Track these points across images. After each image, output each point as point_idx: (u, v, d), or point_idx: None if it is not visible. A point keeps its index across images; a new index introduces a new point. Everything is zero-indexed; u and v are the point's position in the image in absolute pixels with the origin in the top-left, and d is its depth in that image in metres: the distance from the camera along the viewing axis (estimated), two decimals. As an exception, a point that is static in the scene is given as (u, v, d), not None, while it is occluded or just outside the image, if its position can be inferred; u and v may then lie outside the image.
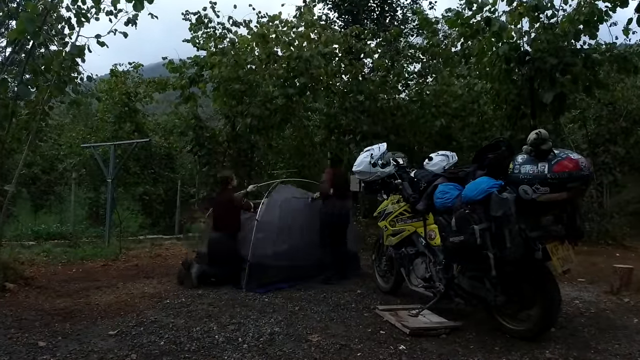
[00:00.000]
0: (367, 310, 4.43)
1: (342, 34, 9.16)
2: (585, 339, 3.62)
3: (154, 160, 13.47)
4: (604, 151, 10.33)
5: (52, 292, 5.12)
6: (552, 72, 7.15)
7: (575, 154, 3.33)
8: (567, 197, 3.21)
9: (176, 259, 7.31)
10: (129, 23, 5.91)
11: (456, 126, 9.93)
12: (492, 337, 3.63)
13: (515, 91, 7.88)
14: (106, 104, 12.85)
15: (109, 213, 8.78)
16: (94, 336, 3.62)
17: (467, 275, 3.80)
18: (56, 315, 4.20)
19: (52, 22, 5.65)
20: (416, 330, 3.68)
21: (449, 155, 4.76)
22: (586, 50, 7.32)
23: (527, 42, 7.53)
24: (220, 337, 3.62)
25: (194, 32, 9.14)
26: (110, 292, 5.15)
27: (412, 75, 11.13)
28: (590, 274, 6.04)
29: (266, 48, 8.36)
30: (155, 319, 4.07)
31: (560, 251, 3.40)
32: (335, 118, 9.34)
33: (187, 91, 9.04)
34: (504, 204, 3.28)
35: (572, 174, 3.16)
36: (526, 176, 3.29)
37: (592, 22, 6.99)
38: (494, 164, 3.72)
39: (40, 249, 7.82)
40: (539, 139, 3.27)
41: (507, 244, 3.25)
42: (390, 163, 4.80)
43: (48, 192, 14.07)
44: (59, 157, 14.16)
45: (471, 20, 7.64)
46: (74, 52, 5.48)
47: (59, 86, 5.55)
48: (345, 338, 3.62)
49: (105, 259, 7.27)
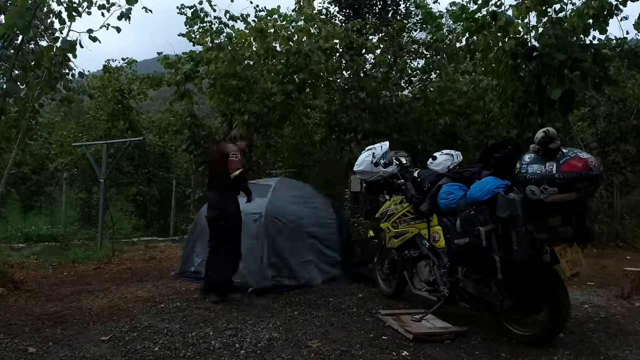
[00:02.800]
0: (369, 314, 4.43)
1: (343, 28, 9.18)
2: (595, 344, 3.62)
3: (148, 159, 13.50)
4: (614, 150, 10.32)
5: (43, 296, 5.11)
6: (561, 68, 7.15)
7: (584, 153, 3.33)
8: (576, 197, 3.20)
9: (171, 261, 7.31)
10: (122, 17, 5.92)
11: (461, 124, 9.93)
12: (498, 342, 3.62)
13: (522, 88, 7.88)
14: (99, 101, 12.87)
15: (101, 214, 8.78)
16: (86, 342, 3.62)
17: (473, 279, 3.79)
18: (47, 320, 4.20)
19: (42, 17, 5.66)
20: (420, 335, 3.68)
21: (454, 155, 4.75)
22: (596, 46, 7.31)
23: (535, 37, 7.52)
24: (216, 342, 3.61)
25: (190, 26, 9.15)
26: (103, 296, 5.15)
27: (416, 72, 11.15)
28: (600, 277, 6.04)
29: (264, 43, 8.36)
30: (150, 324, 4.06)
31: (569, 254, 3.39)
32: (335, 116, 9.33)
33: (183, 88, 9.04)
34: (511, 204, 3.28)
35: (581, 174, 3.15)
36: (533, 176, 3.28)
37: (601, 16, 6.99)
38: (500, 163, 3.72)
39: (30, 252, 7.82)
40: (546, 137, 3.27)
41: (514, 246, 3.24)
42: (393, 162, 4.79)
43: (38, 193, 14.07)
44: (50, 156, 14.17)
45: (477, 15, 7.65)
46: (65, 48, 5.48)
47: (49, 83, 5.56)
48: (346, 344, 3.62)
49: (98, 261, 7.27)
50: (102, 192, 8.91)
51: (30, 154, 13.71)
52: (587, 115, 10.94)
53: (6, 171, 5.90)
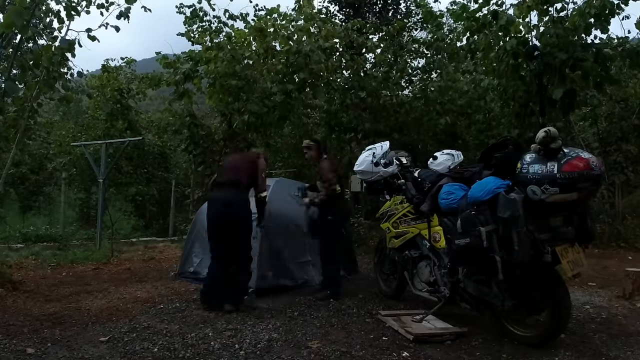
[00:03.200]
0: (369, 315, 4.43)
1: (343, 27, 9.17)
2: (596, 345, 3.62)
3: (147, 159, 13.50)
4: (616, 150, 10.32)
5: (41, 296, 5.12)
6: (562, 68, 7.15)
7: (585, 152, 3.33)
8: (577, 197, 3.21)
9: (170, 262, 7.31)
10: (121, 16, 5.92)
11: (462, 124, 9.94)
12: (499, 343, 3.63)
13: (523, 87, 7.88)
14: (97, 101, 12.87)
15: (100, 214, 8.79)
16: (85, 342, 3.62)
17: (473, 279, 3.80)
18: (45, 320, 4.20)
19: (40, 16, 5.67)
20: (420, 336, 3.68)
21: (454, 155, 4.75)
22: (597, 45, 7.31)
23: (536, 37, 7.53)
24: (216, 343, 3.62)
25: (189, 25, 9.15)
26: (102, 296, 5.15)
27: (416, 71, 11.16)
28: (602, 277, 6.04)
29: (264, 42, 8.37)
30: (149, 325, 4.06)
31: (570, 254, 3.39)
32: (335, 115, 9.34)
33: (182, 87, 9.03)
34: (512, 205, 3.28)
35: (582, 174, 3.15)
36: (535, 176, 3.28)
37: (603, 15, 6.98)
38: (500, 163, 3.72)
39: (28, 252, 7.83)
40: (548, 137, 3.27)
41: (515, 247, 3.25)
42: (393, 162, 4.79)
43: (37, 193, 14.07)
44: (48, 156, 14.17)
45: (477, 14, 7.65)
46: (64, 47, 5.49)
47: (48, 82, 5.56)
48: (347, 345, 3.62)
49: (97, 262, 7.28)
50: (101, 192, 8.92)
51: (28, 153, 13.70)
52: (588, 115, 10.94)
53: (4, 171, 5.90)
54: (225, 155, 8.79)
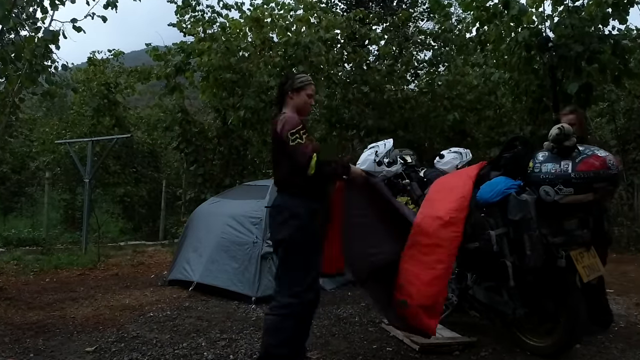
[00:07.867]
0: (372, 324, 4.43)
1: (345, 18, 9.20)
2: (614, 356, 3.62)
3: (136, 158, 13.49)
4: (635, 148, 10.34)
5: (24, 304, 5.12)
6: (578, 61, 7.15)
7: (602, 151, 3.32)
8: (593, 198, 3.21)
9: (160, 267, 7.32)
10: (108, 6, 5.93)
11: (471, 120, 9.95)
12: (511, 354, 3.63)
13: (536, 82, 7.88)
14: (83, 96, 12.85)
15: (86, 217, 8.79)
16: (70, 353, 3.62)
17: (483, 286, 3.80)
18: (28, 329, 4.21)
19: (23, 5, 5.66)
20: (426, 346, 3.68)
21: (463, 153, 4.75)
22: (615, 36, 7.31)
23: (550, 27, 7.53)
24: (209, 354, 3.62)
25: (180, 15, 9.16)
26: (88, 304, 5.16)
27: (422, 64, 11.18)
28: (620, 284, 6.05)
29: (261, 33, 8.39)
30: (138, 334, 4.07)
31: (586, 259, 3.39)
32: (337, 111, 9.36)
33: (173, 81, 9.05)
34: (523, 206, 3.28)
35: (598, 173, 3.15)
36: (548, 176, 3.28)
37: (621, 4, 6.98)
38: (510, 163, 3.72)
39: (10, 257, 7.83)
40: (561, 134, 3.27)
41: (527, 251, 3.25)
42: (398, 161, 4.78)
43: (19, 194, 14.09)
44: (31, 154, 14.17)
45: (488, 3, 7.64)
46: (48, 38, 5.50)
47: (30, 76, 5.57)
48: (348, 355, 3.62)
49: (82, 267, 7.28)
50: (86, 193, 8.92)
51: (10, 152, 13.72)
52: (605, 111, 10.96)
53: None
54: (218, 153, 8.80)
